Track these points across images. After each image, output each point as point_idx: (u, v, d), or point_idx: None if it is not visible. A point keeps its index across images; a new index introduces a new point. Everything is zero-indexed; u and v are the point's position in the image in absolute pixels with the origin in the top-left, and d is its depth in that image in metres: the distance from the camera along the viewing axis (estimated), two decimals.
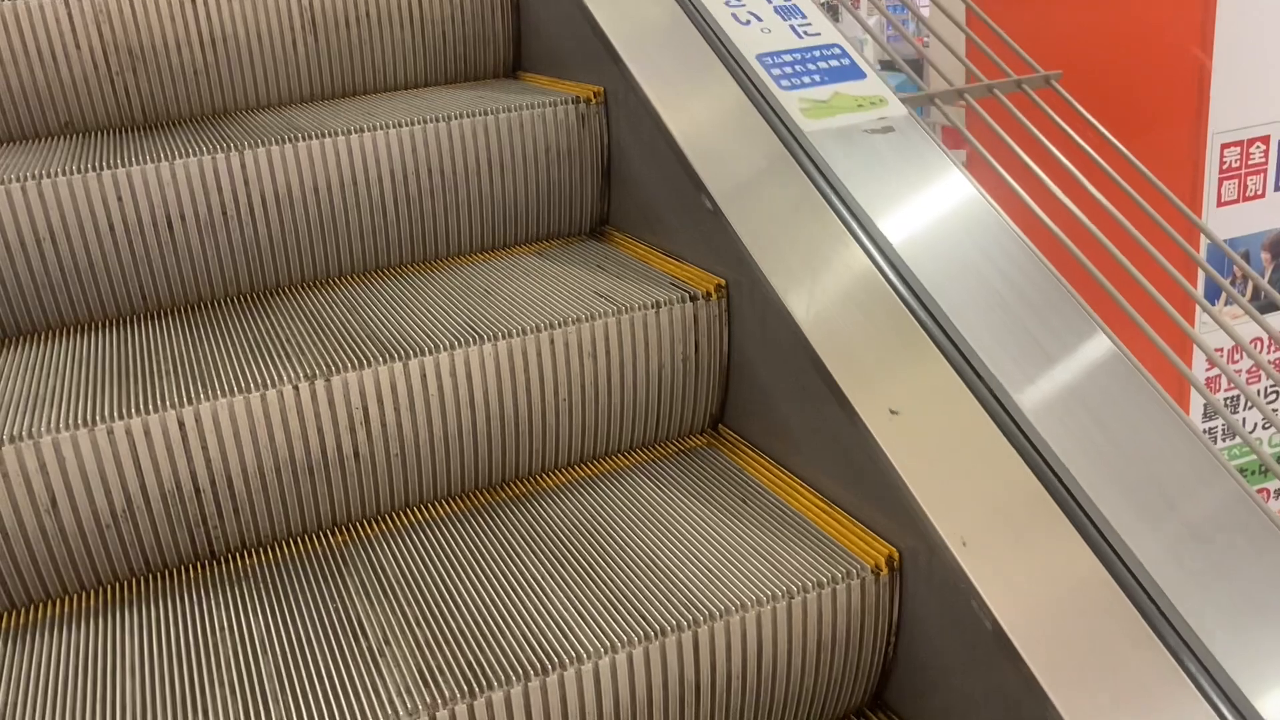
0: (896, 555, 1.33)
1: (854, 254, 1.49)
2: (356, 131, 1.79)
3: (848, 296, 1.46)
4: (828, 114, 1.65)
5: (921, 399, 1.34)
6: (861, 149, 1.61)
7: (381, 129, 1.80)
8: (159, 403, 1.39)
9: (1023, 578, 1.18)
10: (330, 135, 1.78)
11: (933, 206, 1.55)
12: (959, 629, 1.23)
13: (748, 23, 1.77)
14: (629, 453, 1.69)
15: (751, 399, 1.65)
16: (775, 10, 1.82)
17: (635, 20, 1.86)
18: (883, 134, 1.62)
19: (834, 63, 1.75)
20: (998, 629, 1.14)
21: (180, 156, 1.70)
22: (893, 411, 1.32)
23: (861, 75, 1.74)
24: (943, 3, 2.00)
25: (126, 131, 1.98)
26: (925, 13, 2.30)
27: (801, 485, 1.51)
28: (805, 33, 1.79)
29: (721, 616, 1.26)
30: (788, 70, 1.71)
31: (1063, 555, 1.18)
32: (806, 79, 1.71)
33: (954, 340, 1.36)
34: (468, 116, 1.85)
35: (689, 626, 1.25)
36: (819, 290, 1.47)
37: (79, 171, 1.64)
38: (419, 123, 1.83)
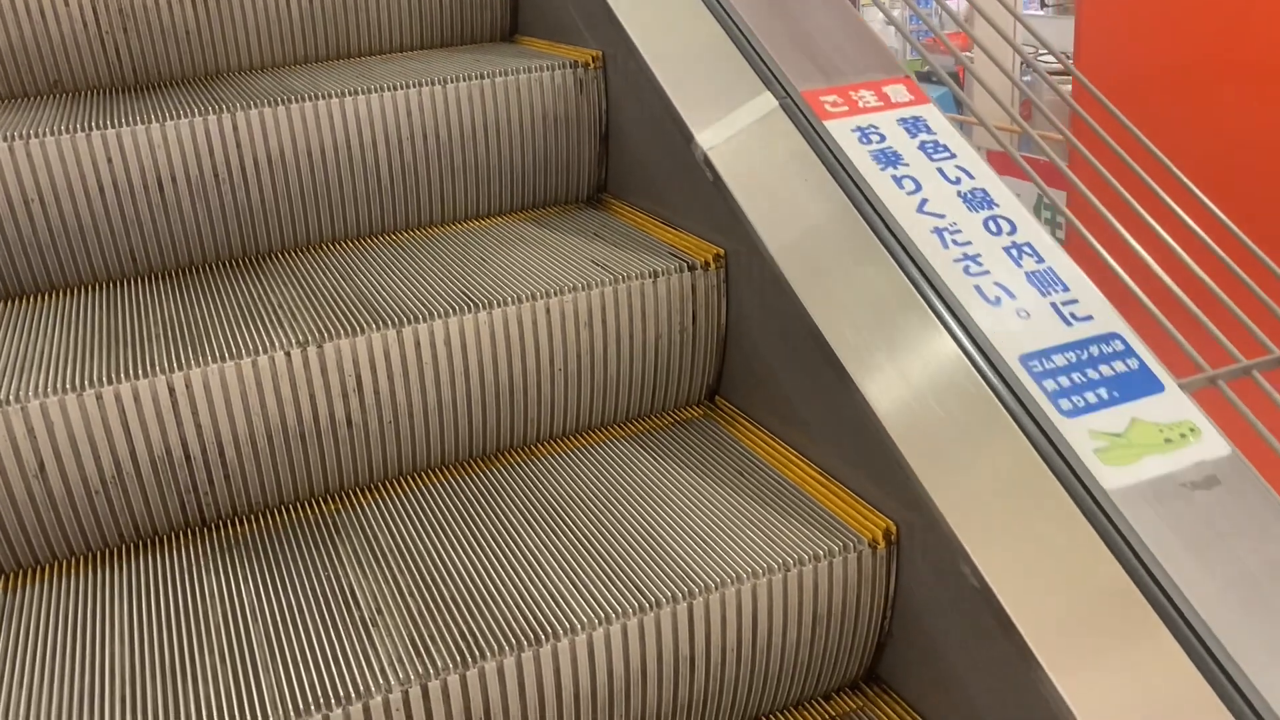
0: (894, 529, 1.32)
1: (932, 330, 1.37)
2: (351, 94, 1.76)
3: (852, 272, 1.44)
4: (1129, 457, 1.20)
5: (921, 372, 1.33)
6: (1187, 524, 1.17)
7: (376, 92, 1.78)
8: (149, 368, 1.37)
9: (1019, 552, 1.17)
10: (324, 97, 1.75)
11: None
12: (955, 603, 1.23)
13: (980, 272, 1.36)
14: (625, 423, 1.67)
15: (749, 371, 1.63)
16: (1028, 280, 1.36)
17: None
18: (1206, 489, 1.18)
19: (1119, 364, 1.28)
20: (994, 603, 1.13)
21: (172, 118, 1.67)
22: (891, 385, 1.31)
23: (1159, 386, 1.26)
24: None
25: (117, 92, 1.95)
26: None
27: (799, 457, 1.50)
28: (1073, 316, 1.32)
29: (717, 588, 1.25)
30: (1063, 382, 1.26)
31: (1060, 529, 1.17)
32: (1091, 395, 1.25)
33: (962, 321, 1.34)
34: (464, 80, 1.82)
35: (684, 598, 1.24)
36: (820, 262, 1.45)
37: (68, 132, 1.61)
38: (414, 86, 1.80)
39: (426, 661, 1.16)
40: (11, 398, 1.32)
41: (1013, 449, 1.23)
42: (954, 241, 1.39)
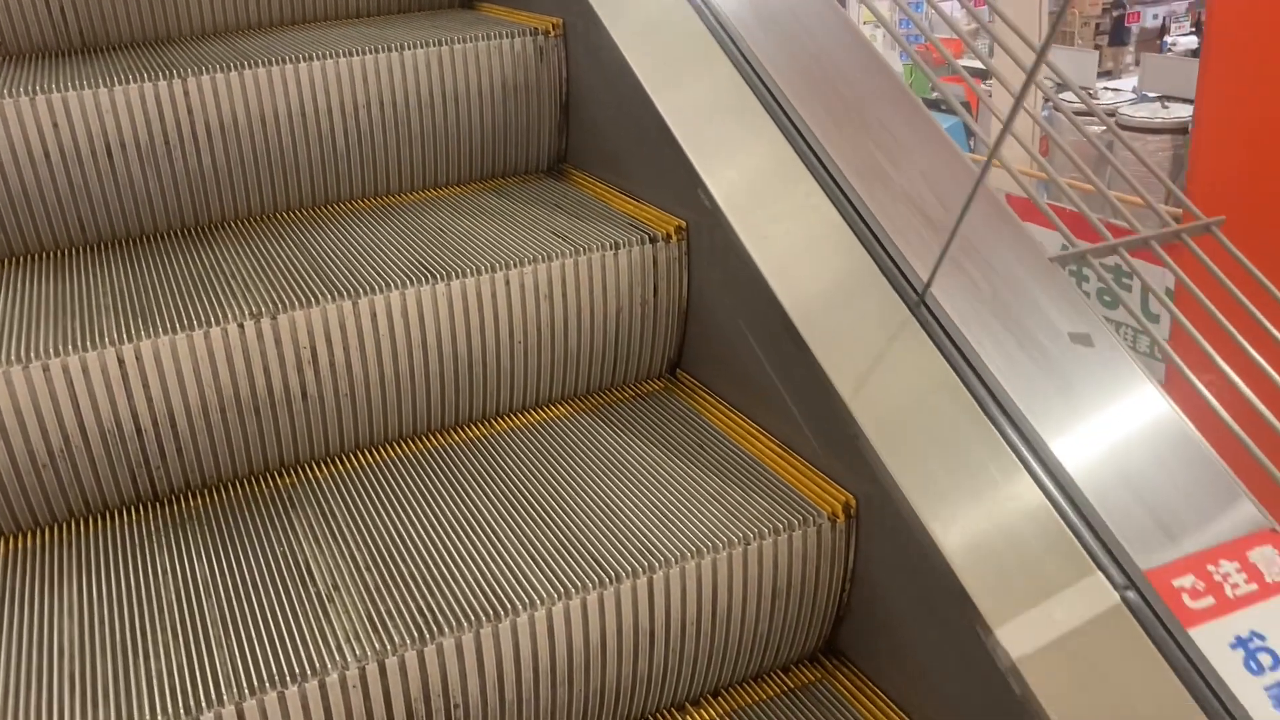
0: (853, 503, 1.32)
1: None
2: (305, 60, 1.73)
3: (811, 240, 1.43)
4: None
5: (881, 347, 1.32)
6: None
7: (331, 58, 1.74)
8: (98, 339, 1.34)
9: (975, 526, 1.17)
10: (278, 63, 1.71)
11: None
12: (912, 576, 1.23)
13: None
14: (585, 397, 1.66)
15: (710, 344, 1.63)
16: None
17: None
18: None
19: None
20: (950, 577, 1.13)
21: (120, 82, 1.63)
22: (851, 358, 1.30)
23: None
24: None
25: (63, 55, 1.89)
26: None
27: (760, 431, 1.50)
28: None
29: (677, 562, 1.25)
30: None
31: (1018, 500, 1.18)
32: None
33: (927, 302, 1.33)
34: (421, 47, 1.79)
35: (644, 572, 1.23)
36: (781, 233, 1.44)
37: (11, 95, 1.56)
38: (370, 52, 1.76)
39: (384, 637, 1.15)
40: None
41: (971, 421, 1.23)
42: None
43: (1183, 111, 7.97)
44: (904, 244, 1.37)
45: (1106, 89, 9.12)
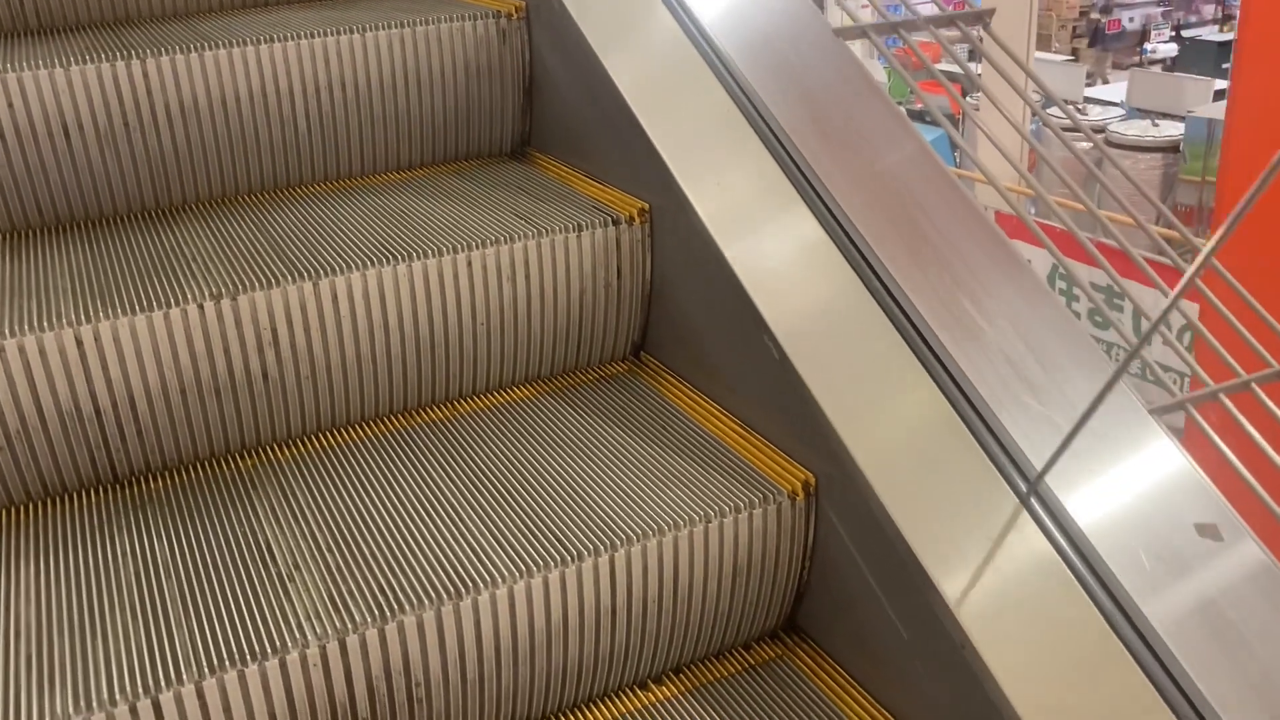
0: (813, 480, 1.33)
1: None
2: (266, 41, 1.71)
3: (770, 221, 1.44)
4: None
5: (840, 328, 1.34)
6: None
7: (293, 39, 1.73)
8: (55, 320, 1.33)
9: (933, 504, 1.19)
10: (239, 45, 1.70)
11: None
12: (871, 554, 1.25)
13: None
14: (549, 379, 1.66)
15: (673, 326, 1.63)
16: None
17: None
18: None
19: None
20: (908, 555, 1.15)
21: (78, 62, 1.61)
22: (810, 337, 1.32)
23: None
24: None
25: (18, 35, 1.87)
26: None
27: (722, 412, 1.51)
28: None
29: (638, 541, 1.26)
30: None
31: (972, 480, 1.19)
32: None
33: (881, 278, 1.34)
34: (383, 29, 1.78)
35: (605, 550, 1.24)
36: (744, 216, 1.45)
37: None
38: (332, 34, 1.75)
39: (344, 616, 1.15)
40: None
41: (929, 399, 1.25)
42: None
43: (1173, 130, 7.97)
44: (885, 254, 1.37)
45: (1089, 99, 9.09)
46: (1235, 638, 1.05)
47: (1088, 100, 9.18)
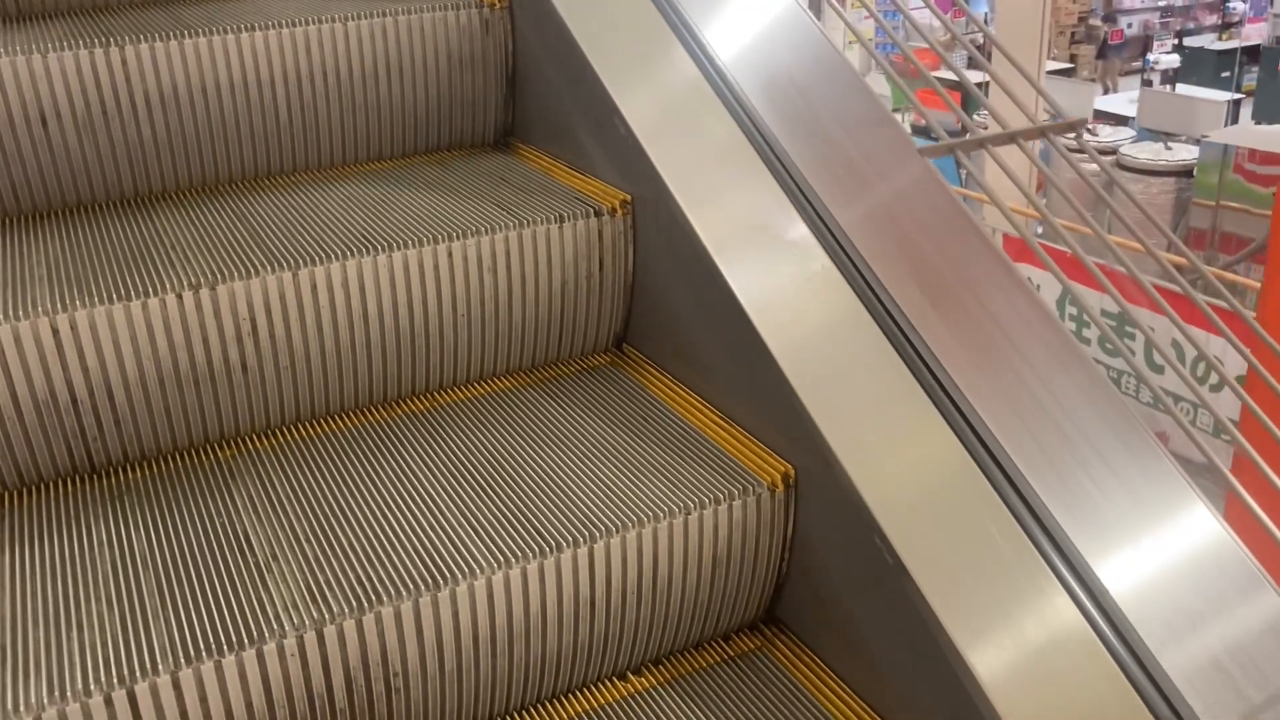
0: (792, 472, 1.33)
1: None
2: (248, 30, 1.70)
3: (754, 216, 1.44)
4: None
5: (822, 322, 1.34)
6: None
7: (274, 28, 1.72)
8: (31, 308, 1.32)
9: (911, 497, 1.19)
10: (219, 33, 1.69)
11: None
12: (850, 546, 1.25)
13: None
14: (530, 370, 1.66)
15: (655, 318, 1.63)
16: None
17: None
18: None
19: None
20: (887, 547, 1.15)
21: (56, 49, 1.60)
22: (790, 328, 1.32)
23: None
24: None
25: None
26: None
27: (703, 404, 1.51)
28: None
29: (617, 532, 1.26)
30: None
31: (944, 465, 1.20)
32: None
33: (867, 281, 1.34)
34: (365, 18, 1.77)
35: (584, 542, 1.24)
36: (725, 209, 1.45)
37: None
38: (314, 23, 1.74)
39: (322, 607, 1.15)
40: None
41: (905, 388, 1.25)
42: None
43: (1186, 154, 7.86)
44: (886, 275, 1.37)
45: (1099, 113, 8.97)
46: None
47: (1097, 115, 9.11)
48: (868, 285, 1.33)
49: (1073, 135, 1.43)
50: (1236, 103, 10.20)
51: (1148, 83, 11.49)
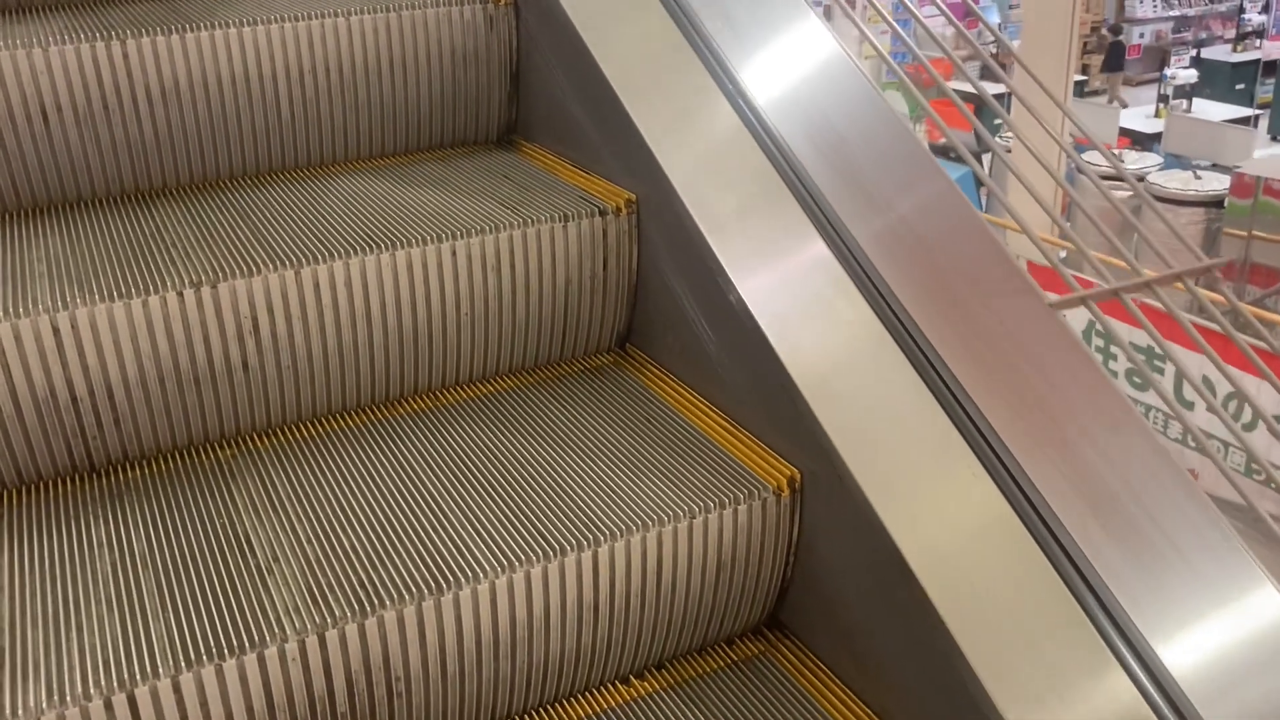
0: (798, 476, 1.32)
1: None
2: (249, 24, 1.69)
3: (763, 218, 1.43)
4: None
5: (832, 328, 1.33)
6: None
7: (276, 22, 1.70)
8: (31, 306, 1.31)
9: (923, 505, 1.18)
10: (220, 27, 1.67)
11: None
12: (856, 552, 1.24)
13: None
14: (533, 370, 1.65)
15: (659, 317, 1.62)
16: None
17: None
18: None
19: None
20: (894, 553, 1.14)
21: (56, 43, 1.58)
22: (798, 332, 1.31)
23: None
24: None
25: None
26: None
27: (708, 405, 1.50)
28: None
29: (622, 536, 1.25)
30: None
31: (967, 488, 1.19)
32: None
33: (877, 285, 1.32)
34: (368, 13, 1.76)
35: (588, 546, 1.23)
36: (732, 208, 1.44)
37: None
38: (316, 17, 1.73)
39: (324, 610, 1.14)
40: None
41: (911, 388, 1.24)
42: None
43: (1217, 184, 7.63)
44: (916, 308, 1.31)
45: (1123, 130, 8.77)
46: None
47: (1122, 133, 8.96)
48: (879, 294, 1.31)
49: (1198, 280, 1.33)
50: (1253, 117, 10.16)
51: (1164, 98, 11.46)
